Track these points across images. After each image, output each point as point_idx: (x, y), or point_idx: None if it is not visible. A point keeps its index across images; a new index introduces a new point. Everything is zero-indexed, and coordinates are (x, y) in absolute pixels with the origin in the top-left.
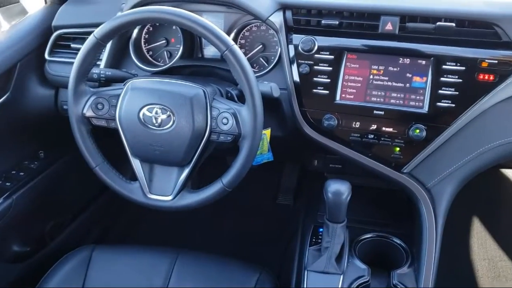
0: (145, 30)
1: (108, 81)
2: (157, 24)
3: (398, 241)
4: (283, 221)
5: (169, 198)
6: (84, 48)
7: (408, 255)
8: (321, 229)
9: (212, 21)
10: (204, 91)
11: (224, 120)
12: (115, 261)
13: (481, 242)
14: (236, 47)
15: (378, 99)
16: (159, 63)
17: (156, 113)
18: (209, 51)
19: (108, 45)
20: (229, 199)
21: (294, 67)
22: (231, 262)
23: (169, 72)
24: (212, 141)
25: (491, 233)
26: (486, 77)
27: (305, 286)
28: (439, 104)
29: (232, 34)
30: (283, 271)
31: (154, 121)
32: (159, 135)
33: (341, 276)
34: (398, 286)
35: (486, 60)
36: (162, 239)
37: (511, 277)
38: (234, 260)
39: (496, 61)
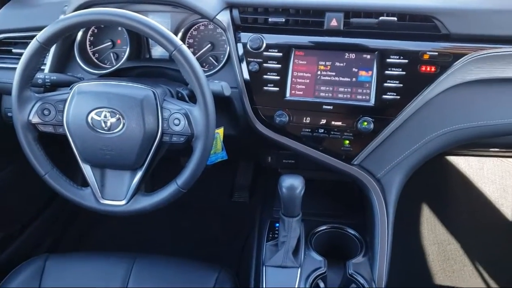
0: (90, 32)
1: (53, 86)
2: (102, 26)
3: (352, 232)
4: (239, 218)
5: (123, 202)
6: (26, 53)
7: (362, 245)
8: (277, 224)
9: (158, 21)
10: (153, 92)
11: (176, 121)
12: (70, 270)
13: (431, 227)
14: (184, 47)
15: (327, 94)
16: (105, 66)
17: (105, 116)
18: (157, 51)
19: (52, 49)
20: (185, 199)
21: (244, 65)
22: (189, 263)
23: (117, 74)
24: (165, 143)
25: (440, 218)
26: (428, 69)
27: (263, 282)
28: (384, 96)
29: (180, 34)
30: (242, 269)
31: (103, 125)
32: (109, 139)
33: (299, 269)
34: (354, 276)
35: (428, 53)
36: (118, 245)
37: (459, 259)
38: (192, 261)
39: (437, 53)
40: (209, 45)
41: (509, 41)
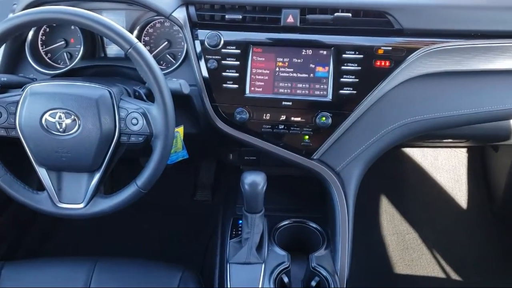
0: (41, 31)
1: (4, 88)
2: (54, 24)
3: (314, 225)
4: (202, 217)
5: (81, 205)
6: None
7: (324, 238)
8: (240, 221)
9: (112, 19)
10: (109, 91)
11: (134, 121)
12: (28, 278)
13: (389, 218)
14: (140, 45)
15: (285, 91)
16: (59, 65)
17: (60, 118)
18: (112, 50)
19: (1, 49)
20: (146, 200)
21: (202, 62)
22: (152, 264)
23: (71, 74)
24: (123, 143)
25: (398, 208)
26: (383, 64)
27: (227, 279)
28: (341, 91)
29: (135, 32)
30: (206, 267)
31: (58, 126)
32: (65, 141)
33: (263, 265)
34: (317, 269)
35: (382, 48)
36: (79, 249)
37: (418, 248)
38: (156, 262)
39: (391, 48)
40: (166, 42)
41: (458, 35)
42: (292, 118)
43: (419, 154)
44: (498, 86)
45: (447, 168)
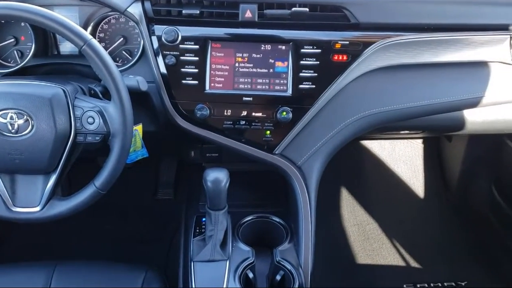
0: None
1: None
2: (3, 21)
3: (278, 219)
4: (165, 216)
5: (37, 208)
6: None
7: (287, 231)
8: (204, 219)
9: (65, 15)
10: (64, 90)
11: (90, 120)
12: None
13: (350, 210)
14: (94, 41)
15: (246, 86)
16: (9, 64)
17: (12, 118)
18: (66, 47)
19: None
20: (106, 200)
21: (160, 58)
22: (114, 266)
23: (22, 73)
24: (79, 143)
25: (358, 200)
26: (340, 58)
27: (192, 278)
28: (301, 86)
29: (89, 28)
30: (170, 267)
31: (9, 127)
32: (18, 142)
33: (227, 262)
34: (281, 263)
35: (339, 42)
36: (37, 253)
37: (378, 238)
38: (117, 263)
39: (348, 42)
40: (122, 39)
41: (412, 28)
42: (253, 114)
43: (377, 146)
44: (450, 78)
45: (404, 159)
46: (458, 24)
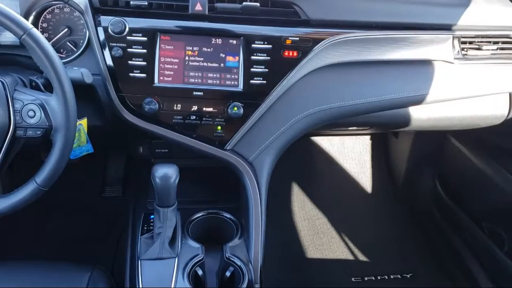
0: None
1: None
2: None
3: (228, 215)
4: (113, 214)
5: None
6: None
7: (238, 227)
8: (152, 216)
9: (4, 4)
10: (2, 81)
11: (31, 113)
12: None
13: (301, 205)
14: (35, 31)
15: (196, 80)
16: None
17: None
18: (6, 37)
19: None
20: (50, 198)
21: (106, 50)
22: (58, 265)
23: None
24: (19, 138)
25: (308, 195)
26: (291, 54)
27: (139, 277)
28: (252, 81)
29: (31, 18)
30: (117, 266)
31: None
32: None
33: (176, 259)
34: (231, 259)
35: (290, 38)
36: None
37: (327, 232)
38: (62, 263)
39: (298, 38)
40: (66, 29)
41: (361, 26)
42: (204, 109)
43: (326, 142)
44: (396, 75)
45: (352, 155)
46: (404, 23)
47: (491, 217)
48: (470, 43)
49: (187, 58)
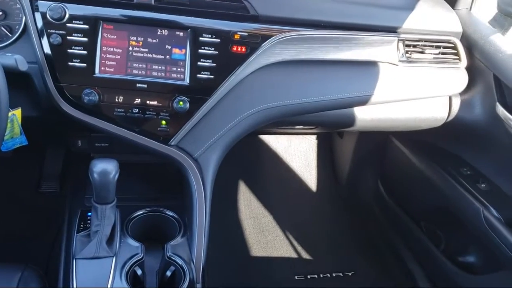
0: None
1: None
2: None
3: (171, 213)
4: (49, 210)
5: None
6: None
7: (181, 226)
8: (90, 213)
9: None
10: None
11: None
12: None
13: (247, 203)
14: None
15: (140, 72)
16: None
17: None
18: None
19: None
20: None
21: (44, 37)
22: None
23: None
24: None
25: (254, 193)
26: (239, 49)
27: (73, 276)
28: (199, 75)
29: None
30: (52, 265)
31: None
32: None
33: (113, 258)
34: (172, 258)
35: (238, 33)
36: None
37: (272, 230)
38: None
39: (246, 34)
40: (1, 13)
41: (309, 25)
42: (148, 102)
43: (273, 141)
44: (342, 76)
45: (298, 154)
46: (352, 24)
47: (429, 217)
48: (414, 46)
49: (130, 48)
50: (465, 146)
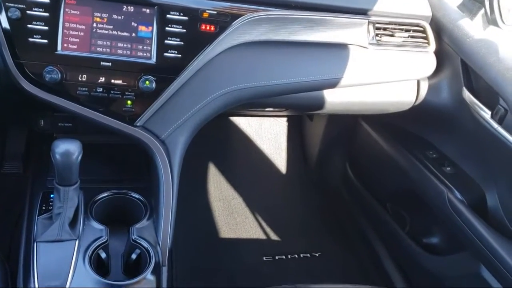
0: None
1: None
2: None
3: (137, 196)
4: (11, 192)
5: None
6: None
7: (147, 208)
8: (52, 195)
9: None
10: None
11: None
12: None
13: (216, 185)
14: None
15: (105, 49)
16: None
17: None
18: None
19: None
20: None
21: (2, 11)
22: None
23: None
24: None
25: (224, 175)
26: (208, 28)
27: (34, 260)
28: (166, 54)
29: None
30: (13, 249)
31: None
32: None
33: (76, 241)
34: (138, 241)
35: (207, 11)
36: None
37: (242, 212)
38: None
39: (216, 12)
40: None
41: (280, 5)
42: (113, 81)
43: (244, 123)
44: (312, 58)
45: (269, 136)
46: (323, 4)
47: (395, 199)
48: (384, 29)
49: (94, 25)
50: (432, 129)
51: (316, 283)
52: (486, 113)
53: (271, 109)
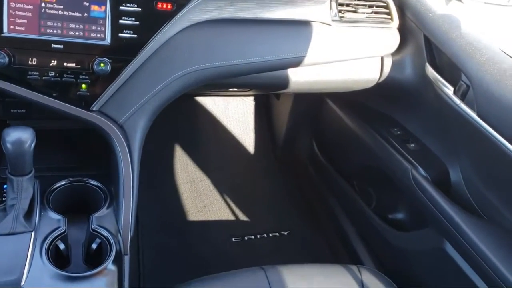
0: None
1: None
2: None
3: (96, 183)
4: None
5: None
6: None
7: (107, 196)
8: (6, 186)
9: None
10: None
11: None
12: None
13: (183, 167)
14: None
15: (55, 31)
16: None
17: None
18: None
19: None
20: None
21: None
22: None
23: None
24: None
25: (191, 157)
26: (164, 6)
27: None
28: (121, 35)
29: None
30: None
31: None
32: None
33: (32, 233)
34: (97, 230)
35: None
36: None
37: (210, 194)
38: None
39: None
40: None
41: None
42: (65, 64)
43: (210, 103)
44: (275, 36)
45: (236, 116)
46: None
47: (361, 176)
48: (347, 5)
49: (43, 5)
50: (396, 106)
51: (284, 262)
52: (448, 89)
53: (234, 89)
